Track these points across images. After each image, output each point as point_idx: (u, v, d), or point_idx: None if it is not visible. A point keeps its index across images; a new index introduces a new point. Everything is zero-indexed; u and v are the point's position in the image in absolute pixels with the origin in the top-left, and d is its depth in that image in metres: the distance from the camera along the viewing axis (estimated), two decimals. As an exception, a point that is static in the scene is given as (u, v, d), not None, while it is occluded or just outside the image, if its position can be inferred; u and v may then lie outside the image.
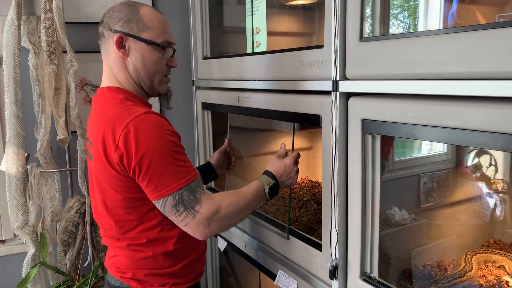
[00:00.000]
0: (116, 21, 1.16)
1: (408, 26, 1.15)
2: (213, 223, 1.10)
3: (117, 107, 1.12)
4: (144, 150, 1.05)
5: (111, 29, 1.16)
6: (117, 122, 1.08)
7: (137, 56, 1.17)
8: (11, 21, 1.61)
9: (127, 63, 1.18)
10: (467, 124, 0.83)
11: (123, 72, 1.19)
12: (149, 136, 1.06)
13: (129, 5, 1.18)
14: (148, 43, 1.17)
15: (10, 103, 1.64)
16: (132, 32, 1.16)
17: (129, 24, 1.16)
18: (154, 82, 1.22)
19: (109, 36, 1.17)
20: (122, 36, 1.15)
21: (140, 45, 1.17)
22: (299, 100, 1.27)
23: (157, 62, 1.20)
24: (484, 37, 0.79)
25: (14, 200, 1.69)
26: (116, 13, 1.17)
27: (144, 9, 1.19)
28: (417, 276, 1.23)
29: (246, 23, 1.57)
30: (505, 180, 1.40)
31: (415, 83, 0.92)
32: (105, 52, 1.21)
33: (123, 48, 1.17)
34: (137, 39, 1.16)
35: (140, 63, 1.18)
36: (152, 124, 1.07)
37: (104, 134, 1.10)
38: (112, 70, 1.20)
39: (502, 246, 1.34)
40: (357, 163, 1.09)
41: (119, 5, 1.19)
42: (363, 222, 1.11)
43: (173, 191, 1.06)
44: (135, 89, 1.22)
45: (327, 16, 1.11)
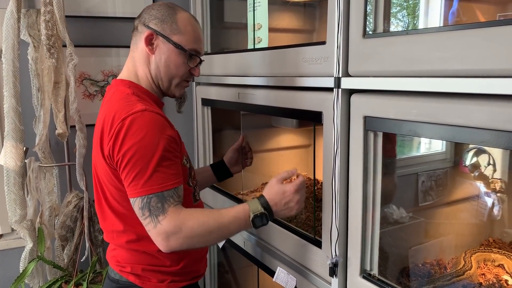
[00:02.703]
0: (152, 18, 1.19)
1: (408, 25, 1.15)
2: (172, 239, 1.05)
3: (121, 101, 1.12)
4: (130, 144, 1.05)
5: (145, 24, 1.19)
6: (116, 116, 1.08)
7: (162, 55, 1.19)
8: (11, 14, 1.59)
9: (151, 59, 1.20)
10: (470, 122, 0.83)
11: (144, 68, 1.21)
12: (139, 132, 1.06)
13: (169, 6, 1.21)
14: (176, 47, 1.18)
15: (9, 97, 1.63)
16: (163, 32, 1.18)
17: (163, 24, 1.18)
18: (171, 84, 1.24)
19: (142, 31, 1.19)
20: (153, 33, 1.18)
21: (168, 46, 1.19)
22: (301, 96, 1.26)
23: (180, 67, 1.21)
24: (489, 34, 0.79)
25: (12, 194, 1.69)
26: (154, 11, 1.20)
27: (182, 13, 1.21)
28: (417, 274, 1.23)
29: (248, 19, 1.56)
30: (503, 179, 1.40)
31: (418, 80, 0.91)
32: (134, 44, 1.23)
33: (151, 45, 1.19)
34: (166, 39, 1.18)
35: (163, 63, 1.20)
36: (146, 122, 1.07)
37: (103, 127, 1.11)
38: (135, 63, 1.23)
39: (501, 245, 1.34)
40: (358, 160, 1.09)
41: (160, 4, 1.22)
42: (363, 219, 1.11)
43: (142, 194, 1.05)
44: (151, 86, 1.23)
45: (330, 12, 1.11)
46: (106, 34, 1.98)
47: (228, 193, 1.81)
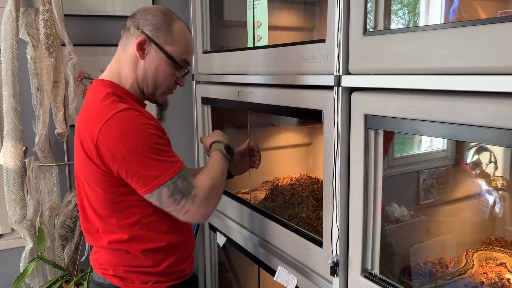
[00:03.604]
0: (147, 24, 1.17)
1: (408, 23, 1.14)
2: (210, 200, 1.13)
3: (101, 102, 1.11)
4: (127, 149, 1.05)
5: (139, 28, 1.17)
6: (97, 117, 1.07)
7: (152, 63, 1.18)
8: (9, 13, 1.59)
9: (139, 64, 1.19)
10: (472, 120, 0.82)
11: (130, 71, 1.19)
12: (129, 133, 1.06)
13: (166, 14, 1.19)
14: (168, 57, 1.18)
15: (8, 96, 1.62)
16: (157, 40, 1.17)
17: (158, 32, 1.17)
18: (156, 92, 1.23)
19: (134, 34, 1.17)
20: (146, 39, 1.16)
21: (159, 55, 1.18)
22: (301, 95, 1.25)
23: (168, 77, 1.21)
24: (490, 31, 0.78)
25: (12, 194, 1.68)
26: (150, 16, 1.18)
27: (178, 24, 1.20)
28: (418, 273, 1.23)
29: (247, 17, 1.56)
30: (504, 177, 1.39)
31: (419, 78, 0.91)
32: (123, 45, 1.21)
33: (143, 50, 1.17)
34: (159, 48, 1.17)
35: (152, 70, 1.19)
36: (131, 120, 1.07)
37: (83, 128, 1.10)
38: (120, 64, 1.21)
39: (503, 244, 1.34)
40: (359, 159, 1.08)
41: (157, 9, 1.20)
42: (364, 218, 1.10)
43: (166, 180, 1.07)
44: (134, 90, 1.21)
45: (330, 10, 1.10)
46: (105, 33, 1.97)
47: (228, 192, 1.80)
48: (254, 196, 1.79)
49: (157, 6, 1.23)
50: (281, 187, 1.81)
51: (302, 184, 1.78)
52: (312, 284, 1.28)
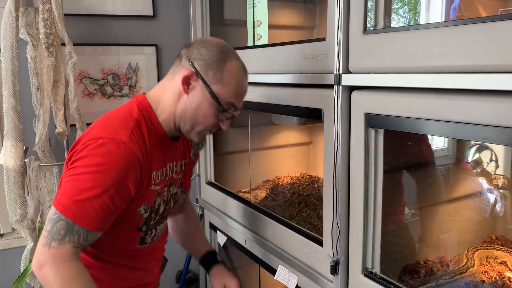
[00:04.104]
0: (199, 58, 1.10)
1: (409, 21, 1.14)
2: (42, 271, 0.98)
3: (117, 118, 1.08)
4: (87, 162, 1.00)
5: (190, 60, 1.10)
6: (94, 130, 1.05)
7: (194, 100, 1.10)
8: (9, 13, 1.59)
9: (181, 98, 1.11)
10: (472, 118, 0.82)
11: (171, 103, 1.13)
12: (103, 160, 1.00)
13: (222, 50, 1.11)
14: (212, 96, 1.09)
15: (8, 96, 1.62)
16: (205, 77, 1.09)
17: (208, 68, 1.09)
18: (193, 130, 1.15)
19: (184, 65, 1.11)
20: (194, 74, 1.09)
21: (204, 92, 1.10)
22: (301, 93, 1.25)
23: (209, 117, 1.12)
24: (491, 29, 0.78)
25: (12, 194, 1.68)
26: (204, 50, 1.10)
27: (232, 63, 1.11)
28: (419, 271, 1.23)
29: (247, 16, 1.55)
30: (505, 175, 1.39)
31: (419, 77, 0.90)
32: (172, 73, 1.14)
33: (188, 84, 1.10)
34: (205, 85, 1.09)
35: (192, 108, 1.11)
36: (108, 156, 1.01)
37: (82, 134, 1.09)
38: (164, 91, 1.14)
39: (504, 242, 1.34)
40: (359, 157, 1.08)
41: (214, 44, 1.12)
42: (365, 217, 1.10)
43: (59, 209, 0.99)
44: (168, 122, 1.14)
45: (330, 8, 1.10)
46: (105, 32, 1.97)
47: (229, 191, 1.80)
48: (255, 195, 1.79)
49: (217, 40, 1.15)
50: (282, 186, 1.81)
51: (302, 183, 1.78)
52: (313, 283, 1.28)
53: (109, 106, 2.00)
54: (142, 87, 2.05)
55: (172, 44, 2.10)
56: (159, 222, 1.23)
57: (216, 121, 1.14)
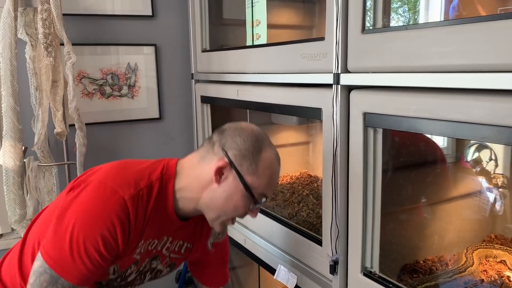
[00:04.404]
0: (234, 147, 1.04)
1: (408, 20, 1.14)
2: None
3: (135, 172, 1.03)
4: (75, 212, 0.96)
5: (224, 148, 1.04)
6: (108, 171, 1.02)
7: (226, 190, 1.04)
8: (8, 13, 1.58)
9: (210, 186, 1.05)
10: (471, 117, 0.82)
11: (197, 187, 1.06)
12: (91, 213, 0.95)
13: (258, 139, 1.06)
14: (245, 188, 1.03)
15: (7, 96, 1.62)
16: (239, 168, 1.03)
17: (242, 159, 1.03)
18: (218, 219, 1.08)
19: (217, 153, 1.05)
20: (227, 165, 1.03)
21: (237, 184, 1.03)
22: (300, 93, 1.25)
23: (239, 208, 1.06)
24: (489, 28, 0.78)
25: (11, 194, 1.68)
26: (239, 139, 1.05)
27: (267, 153, 1.06)
28: (418, 271, 1.23)
29: (246, 15, 1.55)
30: (505, 174, 1.39)
31: (418, 76, 0.90)
32: (203, 156, 1.07)
33: (220, 175, 1.04)
34: (239, 177, 1.03)
35: (223, 198, 1.05)
36: (105, 208, 0.96)
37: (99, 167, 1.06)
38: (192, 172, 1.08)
39: (503, 241, 1.34)
40: (358, 157, 1.08)
41: (249, 132, 1.06)
42: (364, 216, 1.10)
43: (45, 260, 0.95)
44: (186, 204, 1.08)
45: (328, 8, 1.10)
46: (104, 32, 1.97)
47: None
48: (254, 195, 1.78)
49: (251, 127, 1.09)
50: (281, 185, 1.81)
51: (302, 183, 1.78)
52: (312, 282, 1.28)
53: (108, 106, 2.00)
54: (141, 86, 2.05)
55: (171, 43, 2.10)
56: (123, 286, 1.16)
57: (245, 212, 1.08)
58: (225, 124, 1.12)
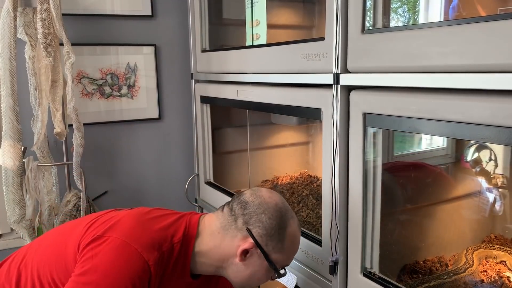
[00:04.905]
0: (260, 226, 1.02)
1: (408, 21, 1.14)
2: None
3: (159, 230, 1.01)
4: (97, 272, 0.93)
5: (248, 226, 1.03)
6: (130, 226, 0.99)
7: (250, 267, 1.04)
8: (7, 12, 1.58)
9: (233, 261, 1.04)
10: (471, 118, 0.82)
11: (219, 257, 1.05)
12: (113, 273, 0.93)
13: (282, 215, 1.05)
14: (271, 265, 1.03)
15: (6, 96, 1.62)
16: (265, 249, 1.02)
17: (268, 239, 1.02)
18: (242, 287, 1.10)
19: (241, 229, 1.03)
20: (254, 246, 1.02)
21: (262, 261, 1.03)
22: (300, 93, 1.25)
23: (262, 279, 1.08)
24: (489, 29, 0.77)
25: (10, 194, 1.68)
26: (265, 217, 1.03)
27: (292, 228, 1.06)
28: (418, 271, 1.22)
29: (246, 15, 1.55)
30: (504, 175, 1.39)
31: (418, 76, 0.90)
32: (226, 226, 1.05)
33: (245, 254, 1.03)
34: (264, 256, 1.03)
35: (246, 275, 1.05)
36: (127, 271, 0.94)
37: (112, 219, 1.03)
38: (213, 239, 1.06)
39: (503, 242, 1.34)
40: (358, 157, 1.08)
41: (273, 208, 1.04)
42: (364, 217, 1.10)
43: None
44: (205, 268, 1.07)
45: (328, 8, 1.09)
46: (103, 32, 1.97)
47: (228, 191, 1.80)
48: (254, 195, 1.78)
49: (275, 200, 1.06)
50: (281, 185, 1.80)
51: (301, 183, 1.78)
52: (312, 283, 1.28)
53: (108, 106, 1.99)
54: (140, 86, 2.04)
55: (170, 43, 2.09)
56: None
57: (267, 280, 1.10)
58: (245, 192, 1.10)
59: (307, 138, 2.03)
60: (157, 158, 2.14)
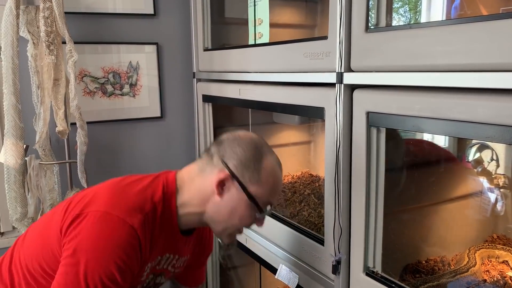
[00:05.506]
0: (234, 158, 1.02)
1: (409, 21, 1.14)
2: None
3: (136, 194, 1.00)
4: (83, 249, 0.92)
5: (223, 160, 1.03)
6: (107, 198, 0.97)
7: (229, 203, 1.03)
8: (10, 11, 1.58)
9: (212, 199, 1.03)
10: (475, 117, 0.81)
11: (199, 201, 1.05)
12: (100, 246, 0.92)
13: (257, 147, 1.05)
14: (250, 198, 1.02)
15: (9, 94, 1.62)
16: (242, 179, 1.01)
17: (244, 169, 1.02)
18: (225, 232, 1.07)
19: (217, 164, 1.03)
20: (229, 177, 1.02)
21: (240, 195, 1.02)
22: (302, 92, 1.25)
23: (245, 219, 1.05)
24: (493, 28, 0.77)
25: (12, 192, 1.68)
26: (239, 150, 1.03)
27: (268, 160, 1.05)
28: (420, 271, 1.22)
29: (248, 14, 1.55)
30: (506, 175, 1.39)
31: (422, 75, 0.90)
32: (202, 168, 1.06)
33: (222, 187, 1.02)
34: (242, 188, 1.01)
35: (228, 211, 1.03)
36: (114, 240, 0.92)
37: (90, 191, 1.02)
38: (192, 185, 1.06)
39: (505, 242, 1.33)
40: (361, 156, 1.08)
41: (248, 141, 1.05)
42: (366, 216, 1.10)
43: None
44: (190, 218, 1.06)
45: (331, 6, 1.09)
46: (106, 30, 1.97)
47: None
48: (255, 194, 1.78)
49: (249, 136, 1.08)
50: (283, 185, 1.80)
51: (303, 182, 1.78)
52: (314, 282, 1.28)
53: (110, 104, 1.99)
54: (142, 85, 2.04)
55: (173, 42, 2.09)
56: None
57: (251, 222, 1.07)
58: (222, 135, 1.10)
59: (309, 138, 2.03)
60: (159, 156, 2.14)
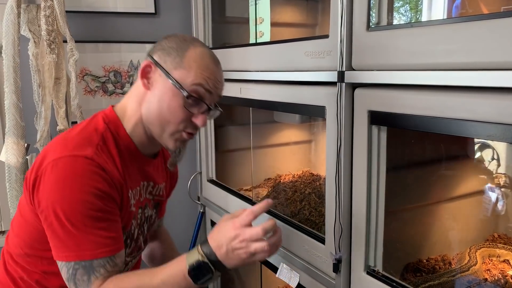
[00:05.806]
0: (158, 49, 1.01)
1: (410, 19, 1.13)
2: None
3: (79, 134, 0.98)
4: (53, 199, 0.90)
5: (149, 54, 1.02)
6: (54, 149, 0.95)
7: (156, 93, 0.99)
8: (11, 9, 1.58)
9: (145, 97, 1.00)
10: (477, 115, 0.81)
11: (135, 105, 1.02)
12: (66, 186, 0.90)
13: (184, 39, 1.02)
14: (174, 84, 0.96)
15: (10, 93, 1.62)
16: (163, 64, 0.98)
17: (166, 56, 0.99)
18: (164, 132, 1.01)
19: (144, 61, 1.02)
20: (151, 64, 0.99)
21: (165, 82, 0.97)
22: (303, 91, 1.25)
23: (175, 111, 0.98)
24: (495, 26, 0.77)
25: (13, 191, 1.68)
26: (165, 41, 1.02)
27: (196, 48, 1.00)
28: (421, 269, 1.22)
29: (250, 13, 1.55)
30: (507, 174, 1.39)
31: (424, 74, 0.90)
32: (136, 84, 1.05)
33: (148, 78, 0.99)
34: (165, 74, 0.97)
35: (156, 103, 0.98)
36: (76, 174, 0.91)
37: (48, 146, 1.00)
38: (129, 99, 1.05)
39: (506, 241, 1.33)
40: (362, 155, 1.08)
41: (176, 35, 1.04)
42: (367, 215, 1.10)
43: (69, 260, 0.91)
44: (138, 134, 1.04)
45: (333, 5, 1.09)
46: (107, 29, 1.97)
47: (230, 189, 1.80)
48: (256, 193, 1.79)
49: (183, 34, 1.06)
50: (283, 184, 1.80)
51: (304, 181, 1.78)
52: (315, 281, 1.28)
53: (111, 103, 1.98)
54: (143, 84, 2.05)
55: (173, 41, 2.09)
56: (135, 251, 1.13)
57: (185, 116, 0.99)
58: None
59: (310, 137, 2.03)
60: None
